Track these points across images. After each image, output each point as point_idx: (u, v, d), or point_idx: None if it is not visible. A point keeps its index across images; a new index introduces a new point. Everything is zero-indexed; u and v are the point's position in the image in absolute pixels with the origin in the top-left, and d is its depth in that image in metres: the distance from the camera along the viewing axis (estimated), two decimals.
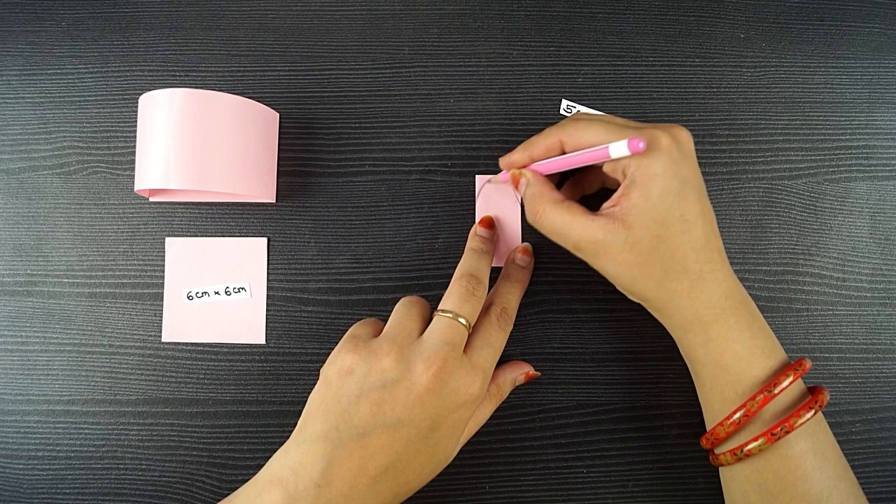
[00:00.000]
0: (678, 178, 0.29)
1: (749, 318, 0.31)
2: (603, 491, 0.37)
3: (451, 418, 0.29)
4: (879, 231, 0.39)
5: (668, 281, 0.30)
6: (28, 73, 0.39)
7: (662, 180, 0.29)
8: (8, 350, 0.37)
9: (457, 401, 0.29)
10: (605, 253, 0.30)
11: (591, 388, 0.37)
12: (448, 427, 0.30)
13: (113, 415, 0.37)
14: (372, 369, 0.29)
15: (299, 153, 0.38)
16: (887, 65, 0.40)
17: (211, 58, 0.39)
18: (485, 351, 0.31)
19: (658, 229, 0.29)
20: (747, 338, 0.30)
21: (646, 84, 0.39)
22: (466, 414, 0.30)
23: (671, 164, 0.29)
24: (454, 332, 0.30)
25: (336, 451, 0.27)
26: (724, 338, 0.30)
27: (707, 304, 0.30)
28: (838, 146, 0.39)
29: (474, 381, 0.30)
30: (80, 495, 0.37)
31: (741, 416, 0.30)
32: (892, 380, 0.38)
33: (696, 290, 0.30)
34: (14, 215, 0.38)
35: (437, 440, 0.29)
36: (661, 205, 0.29)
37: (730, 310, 0.30)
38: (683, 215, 0.29)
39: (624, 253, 0.30)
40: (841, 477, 0.30)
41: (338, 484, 0.27)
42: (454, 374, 0.29)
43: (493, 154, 0.38)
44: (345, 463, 0.27)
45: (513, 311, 0.34)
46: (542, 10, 0.39)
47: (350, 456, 0.27)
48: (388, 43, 0.39)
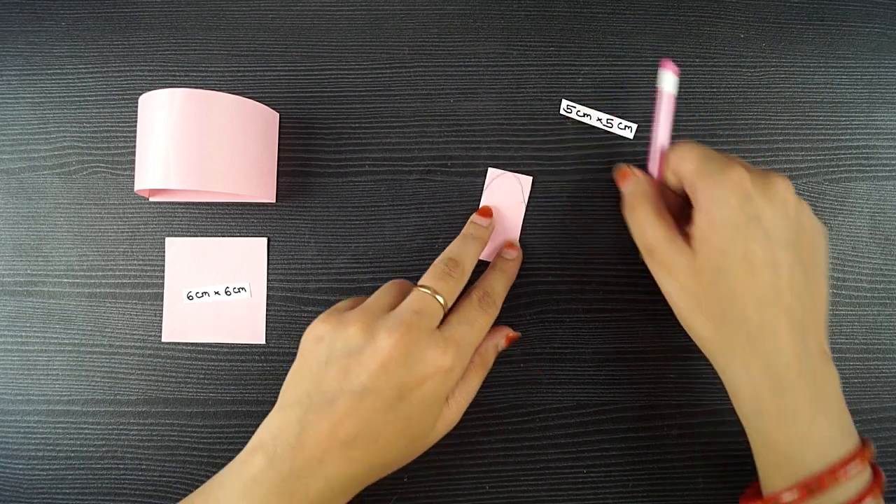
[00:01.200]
0: (746, 213, 0.28)
1: (813, 397, 0.28)
2: (603, 491, 0.37)
3: (421, 390, 0.29)
4: (879, 231, 0.39)
5: (726, 325, 0.29)
6: (28, 73, 0.39)
7: (725, 209, 0.28)
8: (8, 350, 0.38)
9: (424, 371, 0.28)
10: (671, 271, 0.30)
11: (591, 388, 0.37)
12: (418, 399, 0.29)
13: (113, 415, 0.37)
14: (339, 336, 0.29)
15: (299, 153, 0.38)
16: (887, 65, 0.40)
17: (211, 58, 0.39)
18: (462, 327, 0.30)
19: (720, 260, 0.28)
20: (805, 420, 0.28)
21: (646, 84, 0.39)
22: (439, 388, 0.29)
23: (738, 195, 0.28)
24: (424, 303, 0.30)
25: (308, 415, 0.28)
26: (776, 415, 0.28)
27: (763, 369, 0.28)
28: (838, 146, 0.39)
29: (445, 353, 0.29)
30: (80, 495, 0.37)
31: (792, 499, 0.28)
32: (892, 380, 0.38)
33: (755, 348, 0.28)
34: (14, 215, 0.38)
35: (409, 413, 0.29)
36: (723, 234, 0.28)
37: (791, 383, 0.28)
38: (747, 255, 0.28)
39: (687, 278, 0.29)
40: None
41: (311, 447, 0.27)
42: (420, 343, 0.28)
43: (494, 154, 0.38)
44: (315, 427, 0.28)
45: (497, 297, 0.33)
46: (542, 10, 0.39)
47: (320, 421, 0.28)
48: (388, 43, 0.39)
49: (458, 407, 0.32)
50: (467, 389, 0.32)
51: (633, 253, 0.38)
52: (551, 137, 0.39)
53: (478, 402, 0.37)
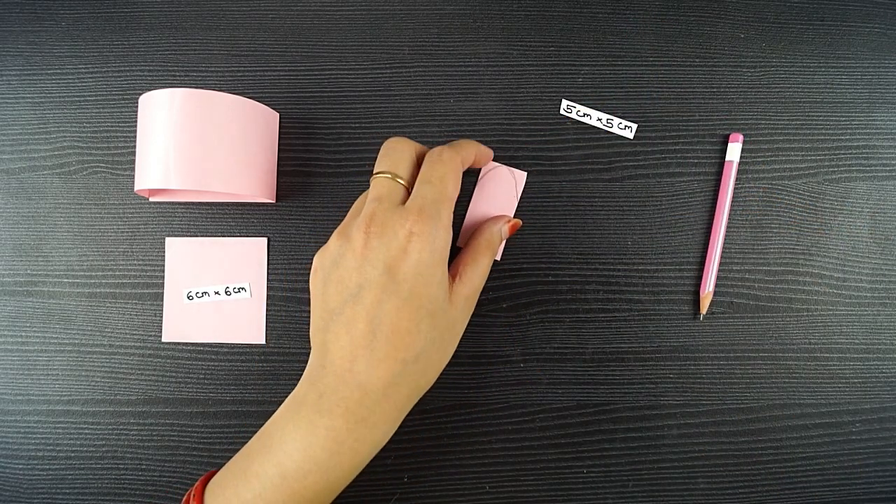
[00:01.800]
0: None
1: None
2: (603, 491, 0.37)
3: (407, 262, 0.28)
4: (879, 231, 0.39)
5: None
6: (28, 73, 0.39)
7: None
8: (8, 350, 0.37)
9: (399, 242, 0.28)
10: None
11: (591, 388, 0.37)
12: (411, 272, 0.28)
13: (113, 415, 0.37)
14: (325, 257, 0.31)
15: (299, 153, 0.38)
16: (887, 65, 0.40)
17: (211, 58, 0.39)
18: (422, 188, 0.30)
19: None
20: None
21: (646, 84, 0.39)
22: (424, 252, 0.28)
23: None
24: (381, 187, 0.30)
25: (326, 335, 0.29)
26: None
27: None
28: (838, 146, 0.39)
29: (408, 218, 0.28)
30: (80, 495, 0.37)
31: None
32: (892, 380, 0.38)
33: None
34: (14, 215, 0.38)
35: (410, 290, 0.28)
36: None
37: None
38: None
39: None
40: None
41: (337, 361, 0.29)
42: (387, 221, 0.29)
43: (493, 154, 0.38)
44: (335, 342, 0.29)
45: (446, 151, 0.31)
46: (542, 10, 0.39)
47: (337, 334, 0.29)
48: (388, 43, 0.39)
49: (470, 282, 0.31)
50: (476, 268, 0.32)
51: (633, 253, 0.38)
52: (551, 137, 0.39)
53: (478, 402, 0.37)
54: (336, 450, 0.28)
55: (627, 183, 0.38)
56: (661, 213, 0.38)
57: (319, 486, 0.28)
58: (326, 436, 0.28)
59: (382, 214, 0.29)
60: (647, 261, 0.38)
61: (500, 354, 0.38)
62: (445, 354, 0.31)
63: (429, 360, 0.30)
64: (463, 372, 0.37)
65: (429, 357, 0.30)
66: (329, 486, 0.28)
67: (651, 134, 0.39)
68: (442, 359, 0.31)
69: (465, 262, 0.32)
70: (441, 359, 0.31)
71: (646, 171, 0.39)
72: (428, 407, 0.37)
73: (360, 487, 0.36)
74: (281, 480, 0.28)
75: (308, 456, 0.28)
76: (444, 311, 0.30)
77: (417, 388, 0.30)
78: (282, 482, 0.28)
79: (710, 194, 0.39)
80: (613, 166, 0.38)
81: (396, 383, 0.29)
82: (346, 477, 0.29)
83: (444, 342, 0.30)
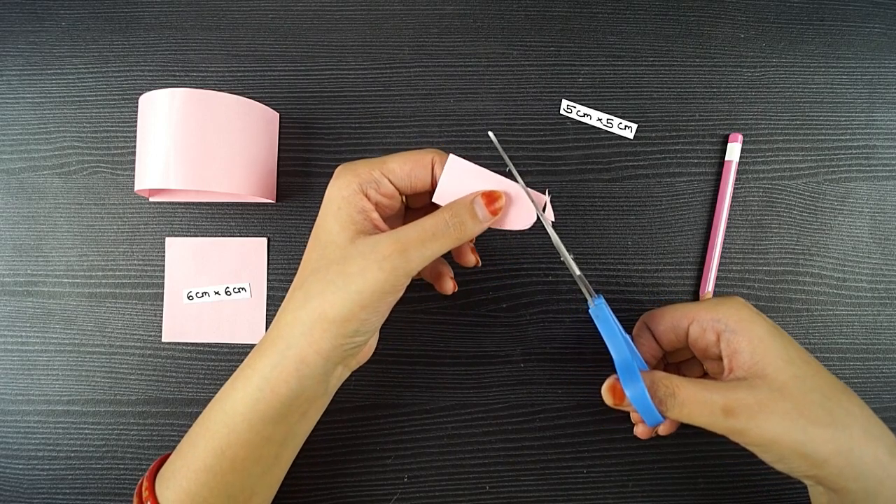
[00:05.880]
0: (767, 323, 0.30)
1: None
2: (603, 491, 0.37)
3: (332, 207, 0.29)
4: (879, 231, 0.39)
5: (840, 426, 0.27)
6: (28, 73, 0.39)
7: (758, 321, 0.29)
8: (8, 350, 0.37)
9: (326, 196, 0.29)
10: (761, 409, 0.27)
11: (591, 388, 0.37)
12: (322, 206, 0.29)
13: (113, 415, 0.37)
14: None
15: (299, 153, 0.38)
16: (887, 65, 0.40)
17: (211, 58, 0.39)
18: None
19: (790, 368, 0.28)
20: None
21: (646, 84, 0.39)
22: (332, 190, 0.29)
23: (754, 311, 0.30)
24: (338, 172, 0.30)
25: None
26: None
27: (885, 449, 0.28)
28: (838, 146, 0.39)
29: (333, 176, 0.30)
30: (80, 495, 0.37)
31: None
32: (892, 380, 0.38)
33: (871, 436, 0.28)
34: (14, 215, 0.38)
35: (316, 223, 0.30)
36: (771, 343, 0.29)
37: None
38: (801, 356, 0.29)
39: (779, 401, 0.27)
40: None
41: (284, 312, 0.29)
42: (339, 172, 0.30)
43: (494, 154, 0.38)
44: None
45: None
46: (542, 10, 0.39)
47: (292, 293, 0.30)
48: (388, 43, 0.39)
49: (400, 251, 0.27)
50: (422, 249, 0.28)
51: (633, 253, 0.38)
52: (551, 137, 0.39)
53: (478, 402, 0.37)
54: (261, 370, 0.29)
55: (627, 183, 0.38)
56: (661, 213, 0.38)
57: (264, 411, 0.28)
58: (253, 373, 0.29)
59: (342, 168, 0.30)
60: (647, 261, 0.38)
61: (500, 354, 0.38)
62: (328, 289, 0.28)
63: (310, 291, 0.28)
64: (463, 372, 0.37)
65: (311, 286, 0.28)
66: (274, 412, 0.29)
67: (651, 134, 0.39)
68: (324, 292, 0.28)
69: (411, 238, 0.28)
70: (322, 291, 0.28)
71: (646, 171, 0.39)
72: (428, 407, 0.37)
73: (361, 487, 0.36)
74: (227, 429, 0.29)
75: (244, 394, 0.29)
76: (337, 245, 0.28)
77: (311, 321, 0.28)
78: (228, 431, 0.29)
79: (710, 194, 0.39)
80: (613, 166, 0.38)
81: (293, 308, 0.29)
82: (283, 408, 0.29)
83: (329, 273, 0.28)
